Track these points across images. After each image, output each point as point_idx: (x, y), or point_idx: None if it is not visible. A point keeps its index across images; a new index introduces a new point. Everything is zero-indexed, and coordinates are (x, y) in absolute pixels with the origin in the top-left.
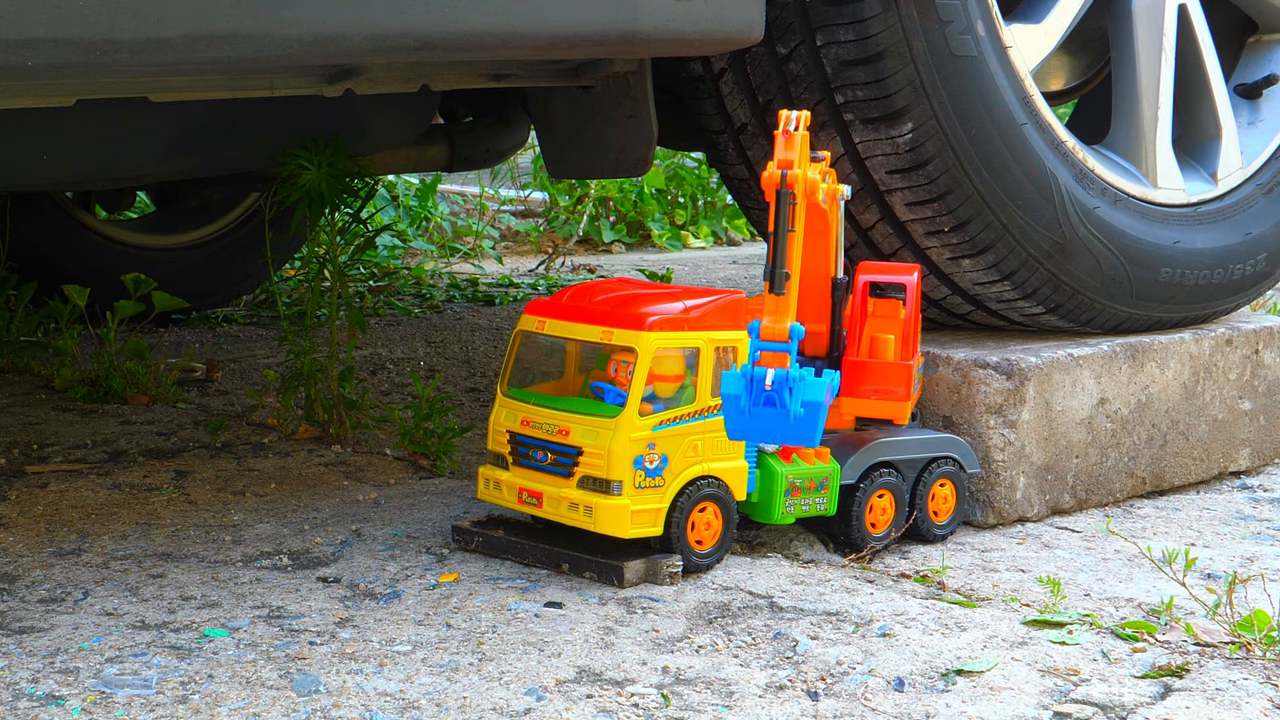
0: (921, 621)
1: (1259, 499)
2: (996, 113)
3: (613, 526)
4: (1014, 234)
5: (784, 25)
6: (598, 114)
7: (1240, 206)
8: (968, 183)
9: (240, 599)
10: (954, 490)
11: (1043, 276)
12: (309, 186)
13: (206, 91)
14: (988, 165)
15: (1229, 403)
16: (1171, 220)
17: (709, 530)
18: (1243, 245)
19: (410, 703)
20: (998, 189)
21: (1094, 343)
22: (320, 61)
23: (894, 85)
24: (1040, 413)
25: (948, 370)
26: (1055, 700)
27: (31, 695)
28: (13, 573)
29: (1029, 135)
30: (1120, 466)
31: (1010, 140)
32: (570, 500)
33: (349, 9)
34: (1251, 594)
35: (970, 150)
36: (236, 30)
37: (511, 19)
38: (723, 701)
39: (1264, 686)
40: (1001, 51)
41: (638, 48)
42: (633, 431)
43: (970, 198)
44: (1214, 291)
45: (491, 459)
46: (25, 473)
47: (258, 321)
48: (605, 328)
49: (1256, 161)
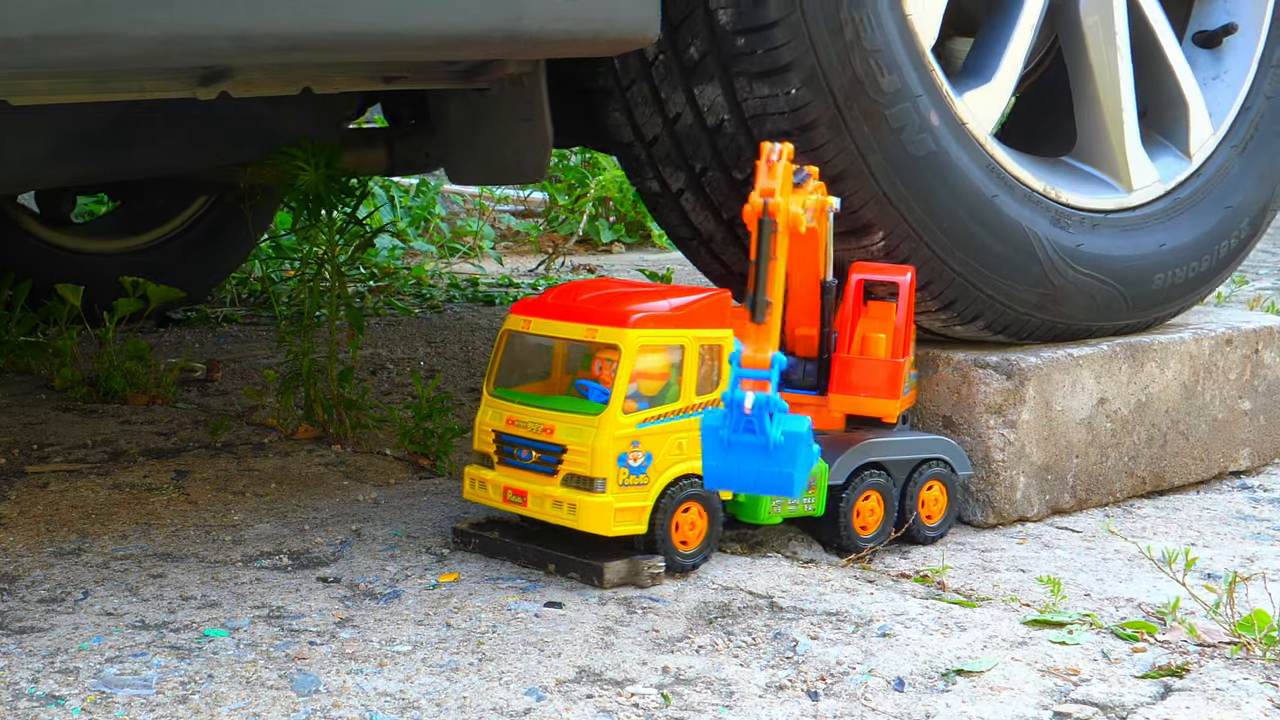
0: (921, 621)
1: (1259, 499)
2: (966, 197)
3: (596, 524)
4: (1001, 300)
5: (733, 152)
6: (493, 117)
7: (1217, 178)
8: (948, 270)
9: (240, 599)
10: (945, 492)
11: (1037, 323)
12: (306, 188)
13: (72, 94)
14: (965, 249)
15: (1229, 402)
16: (1152, 223)
17: (693, 530)
18: (1225, 220)
19: (410, 703)
20: (979, 266)
21: (1094, 343)
22: (181, 63)
23: (858, 202)
24: (1040, 412)
25: (948, 370)
26: (1055, 700)
27: (31, 695)
28: (13, 573)
29: (1001, 206)
30: (1120, 466)
31: (984, 218)
32: (554, 498)
33: (209, 9)
34: (1252, 594)
35: (945, 241)
36: (87, 30)
37: (386, 19)
38: (723, 701)
39: (1264, 686)
40: (959, 131)
41: (523, 49)
42: (616, 429)
43: (952, 282)
44: (1206, 276)
45: (477, 458)
46: (25, 473)
47: (257, 322)
48: (589, 325)
49: (1226, 120)
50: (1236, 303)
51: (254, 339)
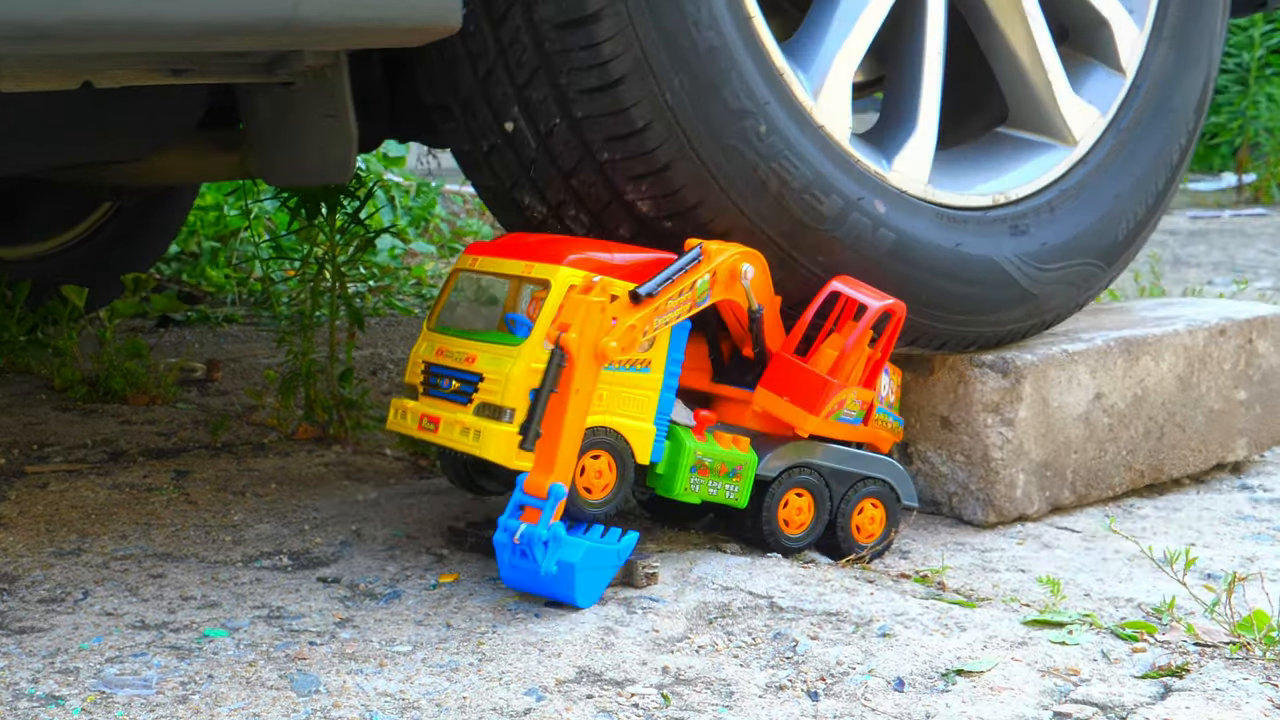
0: (921, 621)
1: (1259, 499)
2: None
3: (498, 453)
4: (994, 326)
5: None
6: (297, 113)
7: (1155, 85)
8: (954, 339)
9: (240, 599)
10: (885, 515)
11: (1024, 330)
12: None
13: None
14: (972, 320)
15: (1224, 393)
16: (1108, 166)
17: (599, 479)
18: (1172, 125)
19: (410, 703)
20: (973, 325)
21: (1089, 338)
22: None
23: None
24: (1037, 410)
25: (943, 370)
26: (1055, 700)
27: (31, 695)
28: (13, 573)
29: (1009, 272)
30: (1119, 460)
31: (985, 291)
32: (463, 425)
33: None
34: (1251, 594)
35: (951, 329)
36: None
37: (141, 6)
38: (723, 701)
39: (1264, 686)
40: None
41: (302, 38)
42: (534, 361)
43: (946, 342)
44: (1176, 169)
45: (406, 390)
46: (25, 473)
47: (257, 322)
48: (528, 262)
49: (1148, 16)
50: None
51: (254, 339)
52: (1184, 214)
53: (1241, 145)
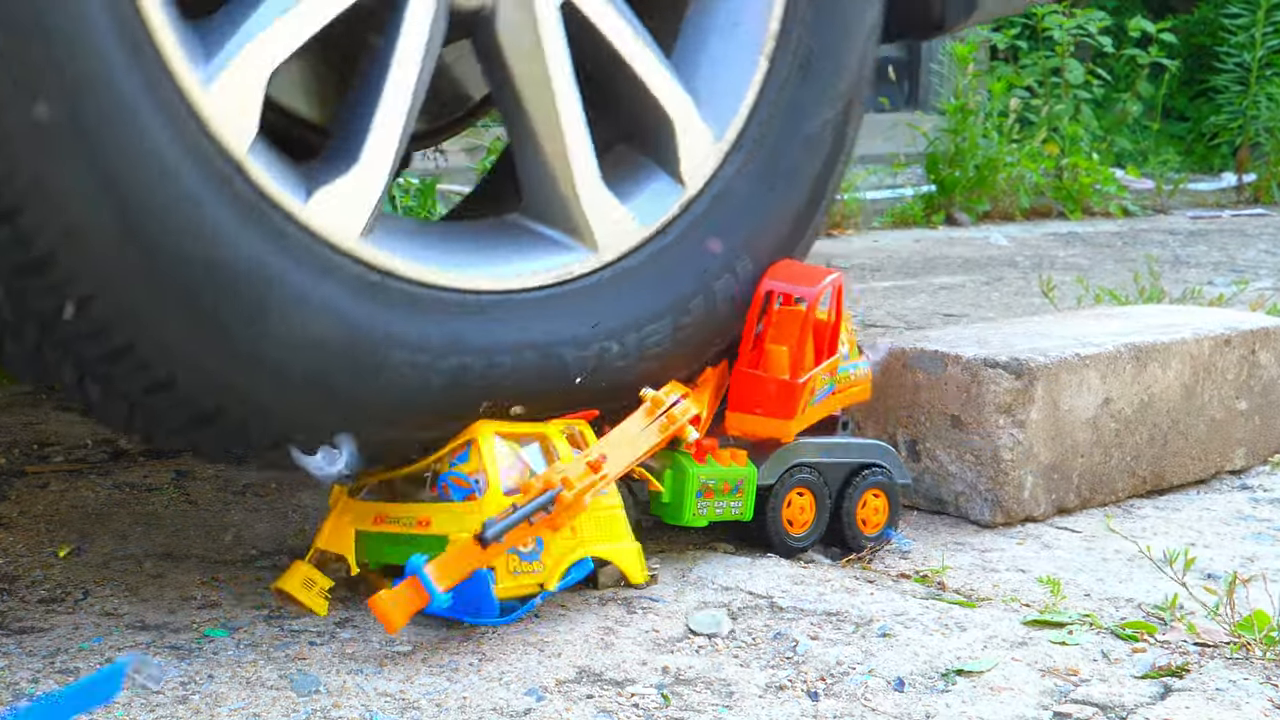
0: (921, 621)
1: (1259, 499)
2: None
3: None
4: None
5: None
6: None
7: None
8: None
9: (240, 599)
10: (887, 502)
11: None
12: None
13: None
14: None
15: (1226, 402)
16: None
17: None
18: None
19: (410, 703)
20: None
21: (1100, 342)
22: None
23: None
24: (1048, 412)
25: (956, 369)
26: (1055, 700)
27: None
28: (13, 573)
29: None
30: (1123, 466)
31: None
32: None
33: None
34: (1251, 594)
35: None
36: None
37: None
38: (723, 701)
39: (1264, 686)
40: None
41: None
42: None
43: None
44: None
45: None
46: (25, 473)
47: None
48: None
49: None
50: (1239, 304)
51: None
52: (1184, 214)
53: (1241, 145)
